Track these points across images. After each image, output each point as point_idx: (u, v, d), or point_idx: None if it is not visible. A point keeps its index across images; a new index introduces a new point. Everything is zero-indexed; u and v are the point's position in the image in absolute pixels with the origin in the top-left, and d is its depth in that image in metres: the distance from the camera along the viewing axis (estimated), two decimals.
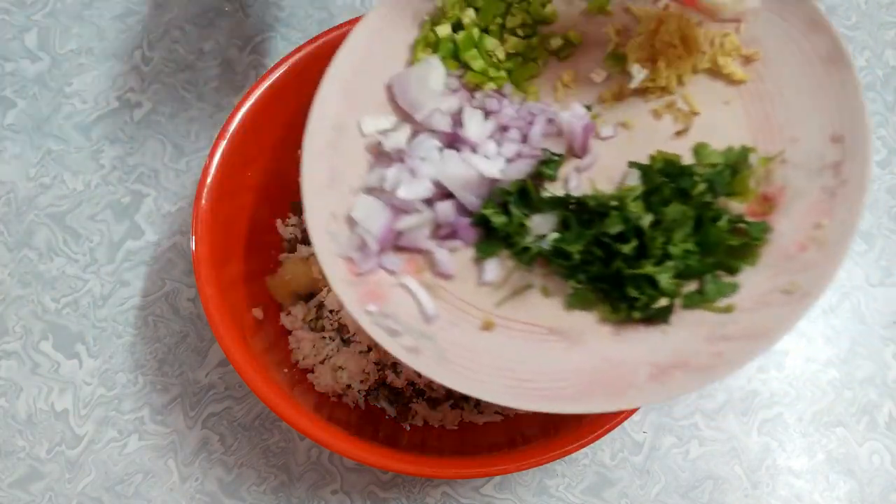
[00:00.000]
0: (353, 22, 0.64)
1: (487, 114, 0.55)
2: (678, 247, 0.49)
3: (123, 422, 0.69)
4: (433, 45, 0.56)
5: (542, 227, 0.52)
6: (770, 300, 0.47)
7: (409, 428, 0.64)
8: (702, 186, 0.50)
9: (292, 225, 0.70)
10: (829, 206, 0.48)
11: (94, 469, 0.68)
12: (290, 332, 0.66)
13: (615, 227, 0.49)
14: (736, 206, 0.50)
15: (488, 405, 0.64)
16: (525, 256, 0.51)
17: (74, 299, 0.72)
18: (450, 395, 0.65)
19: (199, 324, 0.71)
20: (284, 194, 0.70)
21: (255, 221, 0.67)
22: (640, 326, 0.50)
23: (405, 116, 0.55)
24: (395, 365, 0.64)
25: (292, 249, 0.69)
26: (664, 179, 0.50)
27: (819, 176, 0.49)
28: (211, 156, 0.61)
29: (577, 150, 0.54)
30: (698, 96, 0.54)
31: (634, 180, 0.52)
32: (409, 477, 0.67)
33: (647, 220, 0.49)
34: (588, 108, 0.55)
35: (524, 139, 0.54)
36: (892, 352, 0.71)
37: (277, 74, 0.63)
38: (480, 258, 0.53)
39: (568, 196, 0.52)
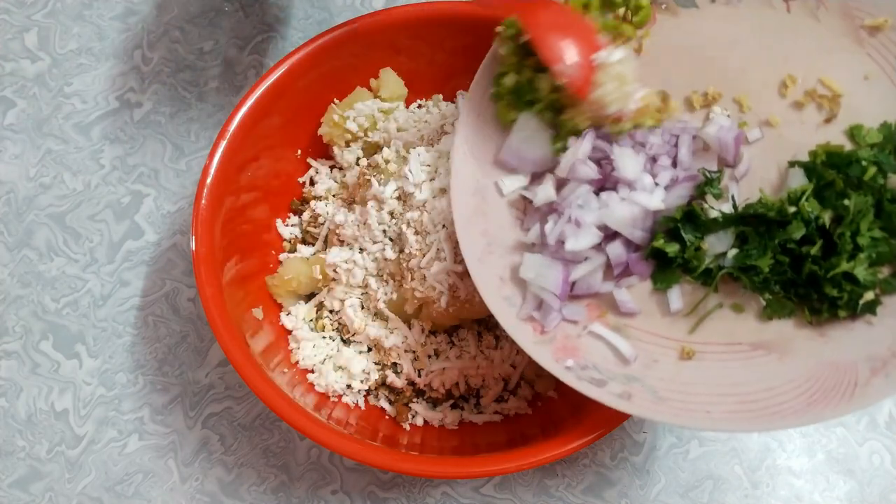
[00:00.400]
0: (352, 22, 0.64)
1: (633, 147, 0.54)
2: (865, 236, 0.48)
3: (123, 422, 0.69)
4: (512, 102, 0.56)
5: (718, 246, 0.51)
6: None
7: (409, 428, 0.64)
8: (872, 170, 0.49)
9: (292, 225, 0.70)
10: None
11: (94, 469, 0.68)
12: (290, 332, 0.66)
13: (798, 232, 0.49)
14: None
15: (488, 405, 0.64)
16: (709, 278, 0.51)
17: (74, 299, 0.72)
18: (450, 395, 0.65)
19: (199, 324, 0.71)
20: (284, 194, 0.70)
21: (255, 221, 0.67)
22: (844, 323, 0.49)
23: (534, 174, 0.56)
24: (395, 365, 0.64)
25: (292, 249, 0.69)
26: (833, 172, 0.50)
27: None
28: (211, 156, 0.61)
29: (729, 161, 0.54)
30: (836, 77, 0.53)
31: (799, 179, 0.51)
32: (409, 477, 0.67)
33: (826, 217, 0.49)
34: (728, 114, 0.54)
35: (674, 163, 0.54)
36: None
37: (277, 74, 0.63)
38: (660, 289, 0.53)
39: (739, 210, 0.51)
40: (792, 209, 0.49)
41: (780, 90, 0.55)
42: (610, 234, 0.53)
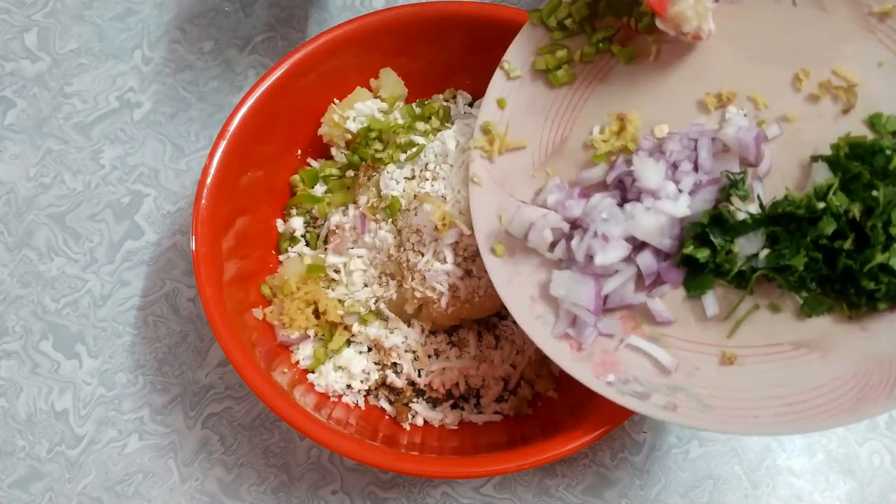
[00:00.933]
0: (352, 22, 0.64)
1: (651, 155, 0.55)
2: None
3: (123, 422, 0.69)
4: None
5: (749, 248, 0.51)
6: None
7: (409, 428, 0.64)
8: None
9: (292, 225, 0.70)
10: None
11: (94, 469, 0.68)
12: None
13: (829, 227, 0.48)
14: None
15: (488, 405, 0.65)
16: (742, 281, 0.51)
17: (74, 299, 0.72)
18: (450, 395, 0.65)
19: (199, 324, 0.71)
20: (284, 194, 0.70)
21: (255, 221, 0.67)
22: (884, 315, 0.49)
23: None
24: (395, 365, 0.64)
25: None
26: (857, 163, 0.50)
27: None
28: (211, 156, 0.61)
29: (751, 161, 0.53)
30: (849, 67, 0.53)
31: (823, 173, 0.51)
32: (409, 477, 0.67)
33: (856, 209, 0.48)
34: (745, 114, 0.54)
35: (695, 168, 0.54)
36: None
37: (277, 74, 0.63)
38: (694, 295, 0.53)
39: (767, 210, 0.51)
40: (821, 205, 0.49)
41: (793, 85, 0.54)
42: (638, 245, 0.53)
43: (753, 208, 0.52)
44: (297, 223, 0.69)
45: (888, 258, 0.47)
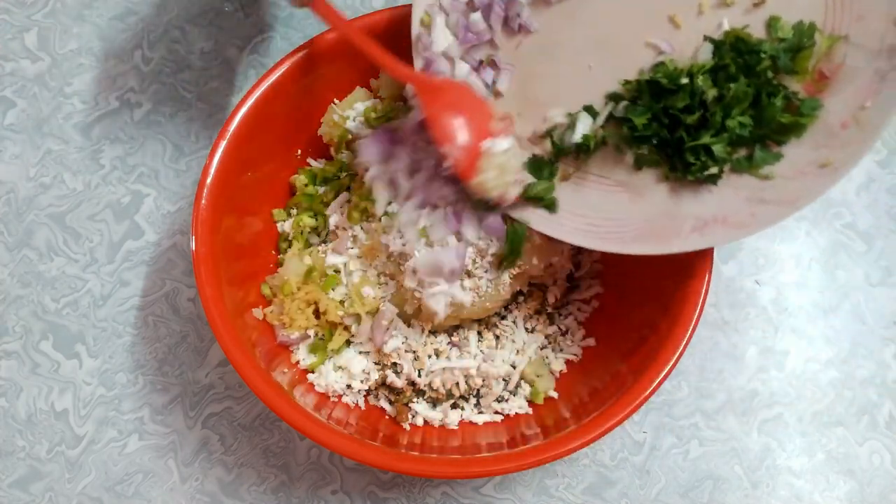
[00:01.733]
0: (352, 21, 0.64)
1: None
2: (735, 119, 0.54)
3: (123, 422, 0.69)
4: None
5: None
6: (806, 171, 0.52)
7: (409, 428, 0.64)
8: (766, 63, 0.53)
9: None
10: (877, 89, 0.51)
11: (94, 469, 0.68)
12: None
13: (682, 102, 0.54)
14: (792, 83, 0.53)
15: (488, 405, 0.64)
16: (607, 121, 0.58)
17: (74, 299, 0.72)
18: (450, 395, 0.65)
19: (199, 324, 0.71)
20: (284, 194, 0.70)
21: (255, 221, 0.67)
22: (691, 186, 0.55)
23: None
24: (395, 365, 0.64)
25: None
26: (732, 55, 0.54)
27: (876, 57, 0.52)
28: (211, 156, 0.61)
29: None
30: None
31: (707, 54, 0.55)
32: (409, 477, 0.67)
33: (711, 94, 0.54)
34: None
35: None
36: (892, 352, 0.71)
37: (277, 74, 0.63)
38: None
39: (647, 74, 0.56)
40: (685, 80, 0.54)
41: None
42: None
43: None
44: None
45: (713, 143, 0.54)
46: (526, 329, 0.66)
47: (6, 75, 0.78)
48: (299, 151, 0.70)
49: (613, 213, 0.57)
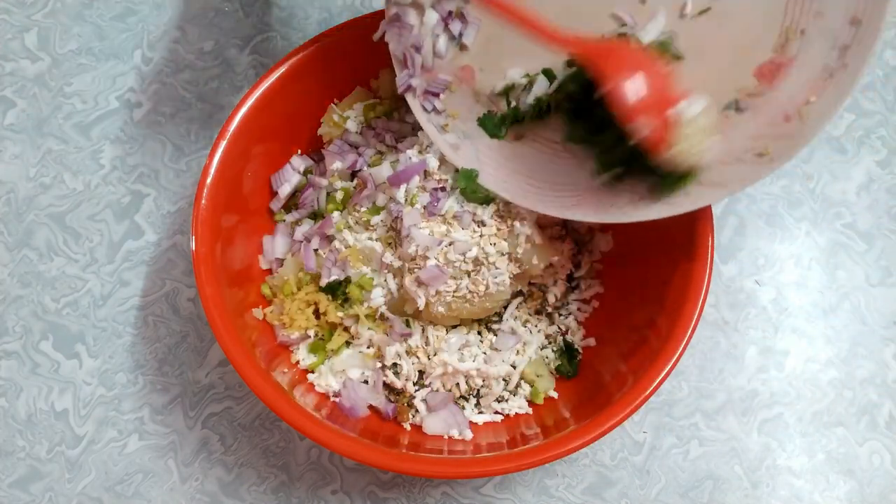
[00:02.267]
0: (353, 22, 0.65)
1: None
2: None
3: (123, 422, 0.69)
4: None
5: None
6: (743, 158, 0.52)
7: (409, 428, 0.63)
8: None
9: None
10: (824, 86, 0.51)
11: (94, 469, 0.68)
12: None
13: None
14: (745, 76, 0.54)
15: (488, 405, 0.64)
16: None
17: (74, 299, 0.72)
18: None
19: (199, 324, 0.71)
20: None
21: (256, 221, 0.67)
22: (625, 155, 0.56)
23: None
24: (395, 365, 0.64)
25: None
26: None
27: (827, 54, 0.51)
28: (211, 156, 0.61)
29: None
30: None
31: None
32: (409, 477, 0.67)
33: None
34: None
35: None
36: (892, 352, 0.71)
37: (277, 74, 0.63)
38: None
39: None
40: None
41: None
42: None
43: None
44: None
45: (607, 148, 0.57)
46: (526, 329, 0.66)
47: (6, 75, 0.78)
48: (299, 151, 0.70)
49: (558, 176, 0.59)
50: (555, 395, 0.65)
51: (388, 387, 0.65)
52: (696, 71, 0.56)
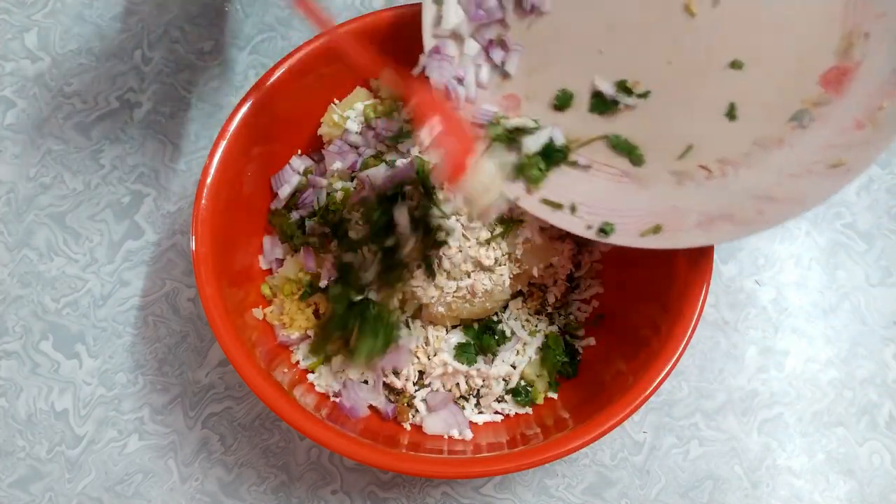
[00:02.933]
0: (353, 22, 0.64)
1: None
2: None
3: (123, 422, 0.69)
4: None
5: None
6: (815, 170, 0.51)
7: (409, 428, 0.64)
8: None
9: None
10: (895, 89, 0.49)
11: (94, 469, 0.68)
12: None
13: None
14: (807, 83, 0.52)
15: (488, 405, 0.64)
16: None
17: (74, 299, 0.72)
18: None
19: (199, 324, 0.71)
20: None
21: (256, 221, 0.67)
22: (698, 178, 0.55)
23: None
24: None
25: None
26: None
27: (895, 56, 0.50)
28: (211, 156, 0.61)
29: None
30: None
31: None
32: (409, 477, 0.67)
33: None
34: None
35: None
36: (892, 352, 0.71)
37: (277, 74, 0.63)
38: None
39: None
40: None
41: None
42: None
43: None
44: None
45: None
46: (526, 329, 0.66)
47: (6, 75, 0.78)
48: (299, 151, 0.70)
49: (618, 203, 0.57)
50: (555, 395, 0.65)
51: (388, 387, 0.65)
52: (757, 82, 0.54)
